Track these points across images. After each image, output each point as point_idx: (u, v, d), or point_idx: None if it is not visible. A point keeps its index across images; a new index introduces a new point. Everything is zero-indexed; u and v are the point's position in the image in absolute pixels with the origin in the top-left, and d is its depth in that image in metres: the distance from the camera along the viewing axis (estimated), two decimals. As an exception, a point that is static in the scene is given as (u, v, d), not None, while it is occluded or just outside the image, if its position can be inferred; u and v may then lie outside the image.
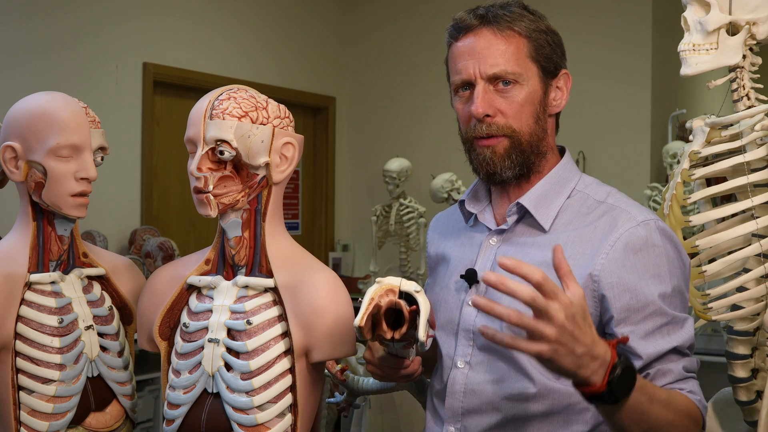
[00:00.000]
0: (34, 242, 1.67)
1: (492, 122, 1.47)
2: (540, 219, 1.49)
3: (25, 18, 3.83)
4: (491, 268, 1.50)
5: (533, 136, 1.49)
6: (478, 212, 1.58)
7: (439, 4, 5.41)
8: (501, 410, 1.45)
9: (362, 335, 1.33)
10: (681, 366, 1.40)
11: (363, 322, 1.31)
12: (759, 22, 1.76)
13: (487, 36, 1.47)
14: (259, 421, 1.51)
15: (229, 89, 1.57)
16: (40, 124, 1.61)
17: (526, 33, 1.48)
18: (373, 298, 1.32)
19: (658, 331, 1.39)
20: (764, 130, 1.74)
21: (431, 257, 1.71)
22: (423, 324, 1.29)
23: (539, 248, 1.46)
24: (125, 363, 1.76)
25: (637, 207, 1.48)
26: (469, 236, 1.59)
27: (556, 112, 1.54)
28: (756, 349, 1.86)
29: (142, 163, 4.39)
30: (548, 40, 1.50)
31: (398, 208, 4.90)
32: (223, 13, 4.88)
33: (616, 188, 1.55)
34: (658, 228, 1.43)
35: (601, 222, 1.45)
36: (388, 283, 1.34)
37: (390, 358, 1.47)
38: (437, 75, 5.89)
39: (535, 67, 1.48)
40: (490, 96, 1.47)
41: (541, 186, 1.51)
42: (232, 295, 1.56)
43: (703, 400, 1.41)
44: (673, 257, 1.43)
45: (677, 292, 1.43)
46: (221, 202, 1.53)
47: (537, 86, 1.49)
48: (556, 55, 1.51)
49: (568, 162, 1.57)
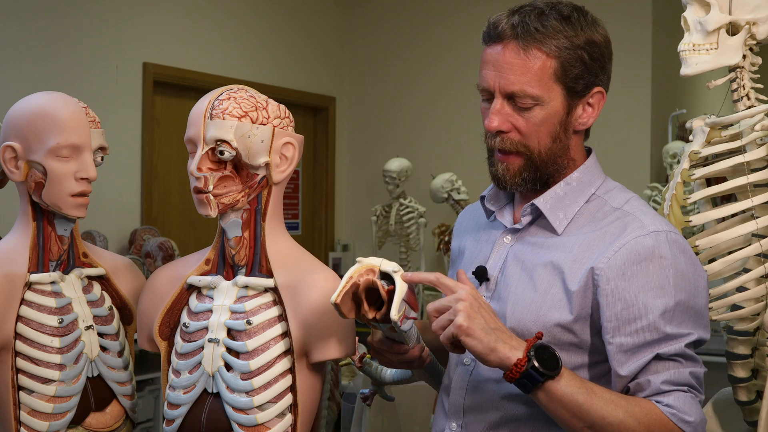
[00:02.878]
0: (34, 242, 1.67)
1: (506, 138, 1.45)
2: (553, 222, 1.47)
3: (25, 18, 3.83)
4: (503, 266, 1.50)
5: (549, 154, 1.46)
6: (497, 210, 1.57)
7: (439, 4, 5.41)
8: (500, 409, 1.45)
9: (341, 313, 1.34)
10: (663, 378, 1.34)
11: (339, 299, 1.33)
12: (759, 22, 1.76)
13: (512, 51, 1.42)
14: (259, 421, 1.51)
15: (229, 89, 1.57)
16: (40, 124, 1.61)
17: (556, 53, 1.41)
18: (352, 277, 1.34)
19: (647, 347, 1.35)
20: (764, 130, 1.74)
21: (453, 250, 1.71)
22: (396, 303, 1.30)
23: (549, 249, 1.46)
24: (125, 363, 1.76)
25: (652, 216, 1.43)
26: (488, 232, 1.59)
27: (581, 129, 1.49)
28: (756, 349, 1.86)
29: (142, 163, 4.39)
30: (582, 58, 1.43)
31: (398, 208, 4.90)
32: (223, 13, 4.88)
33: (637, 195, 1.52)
34: (669, 240, 1.39)
35: (612, 228, 1.42)
36: (369, 263, 1.35)
37: (387, 342, 1.48)
38: (437, 75, 5.90)
39: (559, 87, 1.43)
40: (506, 112, 1.44)
41: (559, 188, 1.49)
42: (232, 295, 1.56)
43: (688, 416, 1.33)
44: (683, 271, 1.38)
45: (683, 308, 1.37)
46: (221, 202, 1.53)
47: (559, 107, 1.44)
48: (589, 73, 1.44)
49: (592, 165, 1.52)
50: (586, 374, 1.42)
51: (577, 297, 1.39)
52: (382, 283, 1.33)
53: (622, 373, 1.36)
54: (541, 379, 1.30)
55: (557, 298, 1.41)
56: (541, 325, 1.41)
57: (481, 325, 1.29)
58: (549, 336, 1.40)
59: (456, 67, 5.31)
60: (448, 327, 1.30)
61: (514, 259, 1.49)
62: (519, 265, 1.48)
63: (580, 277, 1.40)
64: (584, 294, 1.39)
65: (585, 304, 1.40)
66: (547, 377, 1.30)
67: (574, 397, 1.31)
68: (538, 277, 1.44)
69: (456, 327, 1.29)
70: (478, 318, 1.30)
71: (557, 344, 1.40)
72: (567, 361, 1.41)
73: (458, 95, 5.20)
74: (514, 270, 1.48)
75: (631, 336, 1.36)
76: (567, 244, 1.44)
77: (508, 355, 1.30)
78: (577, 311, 1.39)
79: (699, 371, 1.38)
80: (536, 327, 1.41)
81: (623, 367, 1.36)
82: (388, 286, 1.33)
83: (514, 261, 1.49)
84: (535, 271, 1.45)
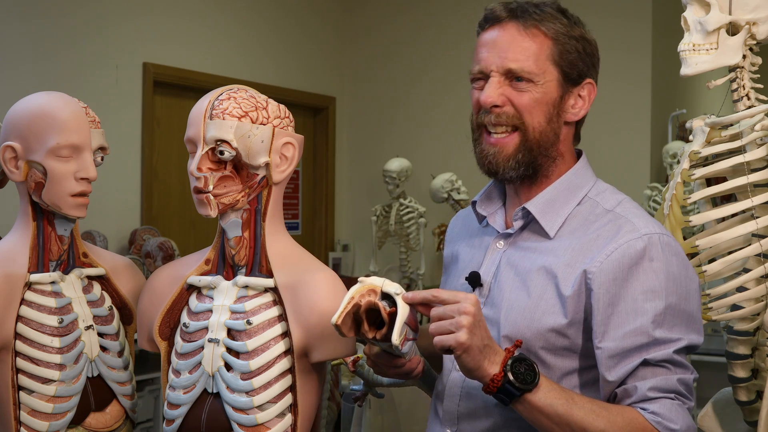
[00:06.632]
0: (34, 242, 1.67)
1: (501, 112, 1.45)
2: (545, 225, 1.47)
3: (25, 18, 3.83)
4: (496, 272, 1.50)
5: (543, 135, 1.46)
6: (489, 215, 1.57)
7: (439, 5, 5.41)
8: (494, 416, 1.45)
9: (341, 333, 1.34)
10: (650, 385, 1.33)
11: (340, 320, 1.32)
12: (759, 22, 1.76)
13: (511, 30, 1.45)
14: (259, 421, 1.51)
15: (229, 89, 1.57)
16: (40, 124, 1.61)
17: (553, 35, 1.44)
18: (353, 297, 1.33)
19: (636, 352, 1.34)
20: (764, 130, 1.74)
21: (446, 256, 1.71)
22: (398, 327, 1.30)
23: (541, 254, 1.45)
24: (125, 363, 1.76)
25: (645, 219, 1.43)
26: (480, 238, 1.58)
27: (573, 120, 1.50)
28: (756, 349, 1.86)
29: (142, 163, 4.39)
30: (577, 47, 1.46)
31: (398, 208, 4.90)
32: (223, 13, 4.88)
33: (629, 196, 1.52)
34: (661, 242, 1.39)
35: (604, 231, 1.42)
36: (370, 283, 1.35)
37: (384, 355, 1.48)
38: (437, 75, 5.90)
39: (555, 71, 1.45)
40: (503, 88, 1.45)
41: (550, 192, 1.49)
42: (232, 295, 1.56)
43: (673, 424, 1.31)
44: (675, 274, 1.38)
45: (674, 312, 1.36)
46: (221, 202, 1.53)
47: (553, 89, 1.46)
48: (583, 63, 1.47)
49: (582, 168, 1.53)
50: (578, 379, 1.42)
51: (570, 302, 1.39)
52: (384, 305, 1.32)
53: (610, 378, 1.36)
54: (518, 393, 1.30)
55: (551, 303, 1.41)
56: (535, 331, 1.40)
57: (478, 344, 1.29)
58: (543, 341, 1.40)
59: (456, 67, 5.31)
60: (446, 336, 1.28)
61: (507, 265, 1.49)
62: (512, 270, 1.47)
63: (573, 282, 1.39)
64: (578, 298, 1.39)
65: (579, 308, 1.39)
66: (524, 391, 1.30)
67: (553, 408, 1.31)
68: (532, 282, 1.43)
69: (457, 343, 1.27)
70: (477, 336, 1.29)
71: (551, 349, 1.40)
72: (560, 366, 1.41)
73: (458, 95, 5.20)
74: (508, 275, 1.48)
75: (619, 340, 1.35)
76: (560, 249, 1.44)
77: (488, 372, 1.30)
78: (571, 315, 1.39)
79: (688, 378, 1.36)
80: (530, 332, 1.40)
81: (611, 372, 1.36)
82: (389, 307, 1.32)
83: (507, 266, 1.48)
84: (528, 276, 1.44)
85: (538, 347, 1.41)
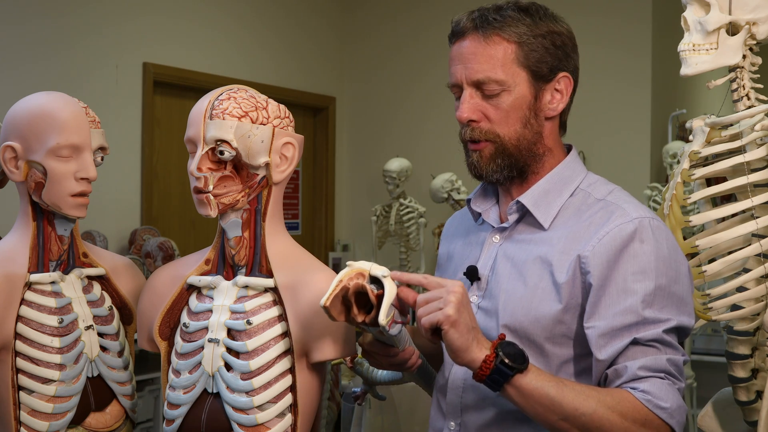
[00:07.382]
0: (34, 242, 1.67)
1: (476, 127, 1.49)
2: (539, 217, 1.49)
3: (25, 18, 3.83)
4: (493, 265, 1.52)
5: (521, 140, 1.49)
6: (483, 211, 1.59)
7: (439, 4, 5.41)
8: (497, 407, 1.46)
9: (330, 316, 1.35)
10: (640, 364, 1.35)
11: (328, 302, 1.34)
12: (759, 22, 1.76)
13: (474, 42, 1.47)
14: (259, 421, 1.51)
15: (229, 89, 1.57)
16: (40, 124, 1.61)
17: (516, 38, 1.46)
18: (342, 280, 1.35)
19: (626, 331, 1.36)
20: (764, 130, 1.74)
21: (441, 254, 1.73)
22: (384, 308, 1.31)
23: (537, 245, 1.48)
24: (125, 363, 1.76)
25: (635, 205, 1.47)
26: (476, 235, 1.61)
27: (553, 115, 1.52)
28: (756, 349, 1.86)
29: (142, 163, 4.39)
30: (544, 44, 1.47)
31: (398, 208, 4.90)
32: (223, 13, 4.88)
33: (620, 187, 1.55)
34: (651, 226, 1.42)
35: (596, 218, 1.45)
36: (359, 267, 1.36)
37: (378, 344, 1.49)
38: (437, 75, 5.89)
39: (524, 72, 1.47)
40: (476, 101, 1.48)
41: (542, 184, 1.52)
42: (232, 295, 1.56)
43: (663, 402, 1.32)
44: (665, 256, 1.41)
45: (664, 293, 1.39)
46: (221, 202, 1.53)
47: (526, 91, 1.48)
48: (552, 57, 1.48)
49: (573, 161, 1.56)
50: (574, 367, 1.44)
51: (565, 287, 1.42)
52: (372, 287, 1.34)
53: (600, 357, 1.38)
54: (511, 373, 1.31)
55: (547, 291, 1.43)
56: (532, 318, 1.43)
57: (465, 321, 1.31)
58: (540, 328, 1.42)
59: (456, 67, 5.31)
60: (434, 313, 1.30)
61: (503, 257, 1.51)
62: (509, 262, 1.50)
63: (567, 268, 1.42)
64: (573, 283, 1.42)
65: (575, 293, 1.42)
66: (516, 371, 1.31)
67: (544, 390, 1.32)
68: (528, 272, 1.46)
69: (444, 315, 1.29)
70: (464, 313, 1.31)
71: (549, 337, 1.43)
72: (558, 353, 1.43)
73: (458, 95, 5.20)
74: (505, 267, 1.50)
75: (609, 319, 1.37)
76: (554, 238, 1.47)
77: (478, 355, 1.32)
78: (566, 300, 1.42)
79: (678, 358, 1.37)
80: (528, 320, 1.43)
81: (601, 351, 1.37)
82: (377, 290, 1.34)
83: (504, 259, 1.51)
84: (524, 266, 1.47)
85: (535, 335, 1.43)
